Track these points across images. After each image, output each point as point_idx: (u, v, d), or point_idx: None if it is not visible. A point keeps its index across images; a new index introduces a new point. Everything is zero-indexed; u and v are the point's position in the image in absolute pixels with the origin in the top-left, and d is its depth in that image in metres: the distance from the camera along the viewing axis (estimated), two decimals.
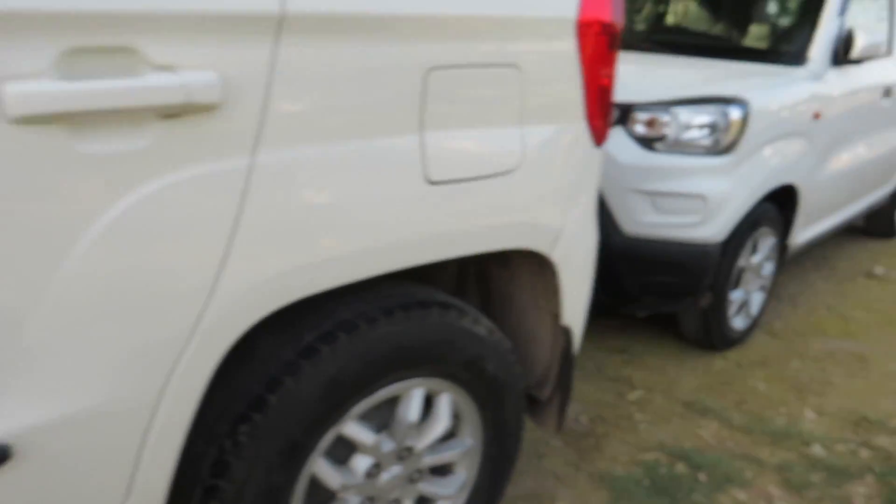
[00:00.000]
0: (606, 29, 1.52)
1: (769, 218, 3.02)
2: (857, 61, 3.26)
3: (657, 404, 2.72)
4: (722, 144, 2.66)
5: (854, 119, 3.52)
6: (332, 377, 1.26)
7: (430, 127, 1.28)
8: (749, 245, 2.95)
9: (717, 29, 3.77)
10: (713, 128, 2.66)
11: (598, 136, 1.60)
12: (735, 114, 2.66)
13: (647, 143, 2.69)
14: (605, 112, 1.59)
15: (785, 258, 3.38)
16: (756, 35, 3.59)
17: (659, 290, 2.83)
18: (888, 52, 3.93)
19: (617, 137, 2.72)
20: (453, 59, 1.28)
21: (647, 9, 3.94)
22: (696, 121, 2.66)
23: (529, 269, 1.67)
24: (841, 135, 3.42)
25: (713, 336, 3.02)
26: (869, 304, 3.81)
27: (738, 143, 2.68)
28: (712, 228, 2.71)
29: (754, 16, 3.60)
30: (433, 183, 1.29)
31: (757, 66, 3.11)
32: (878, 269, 4.34)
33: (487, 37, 1.33)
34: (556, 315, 1.67)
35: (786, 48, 3.30)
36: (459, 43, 1.28)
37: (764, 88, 2.85)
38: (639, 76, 3.00)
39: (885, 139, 4.04)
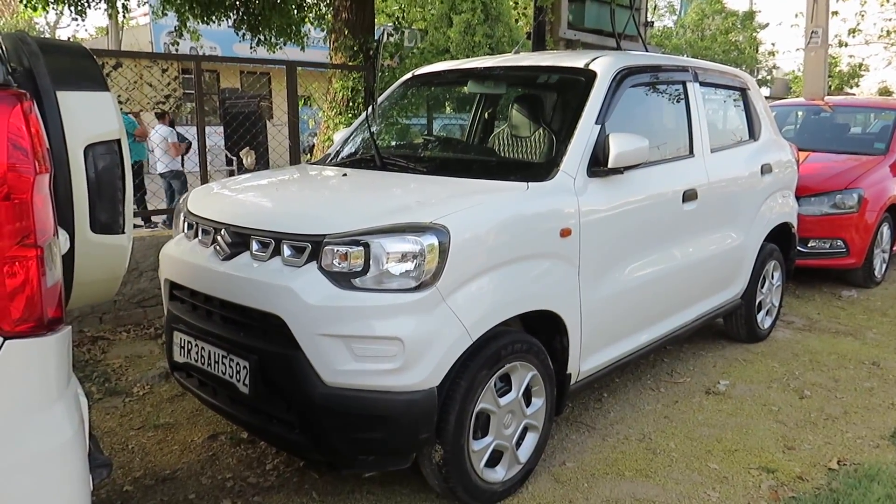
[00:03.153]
0: None
1: (519, 351, 2.65)
2: (619, 170, 3.00)
3: None
4: (419, 279, 2.34)
5: (637, 231, 3.23)
6: None
7: None
8: (489, 385, 2.57)
9: (481, 144, 3.54)
10: (410, 260, 2.34)
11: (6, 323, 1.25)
12: (430, 243, 2.34)
13: (342, 279, 2.36)
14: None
15: (568, 389, 2.99)
16: (515, 150, 3.35)
17: (371, 448, 2.43)
18: (689, 154, 3.72)
19: (308, 274, 2.39)
20: None
21: (402, 123, 3.75)
22: (391, 253, 2.34)
23: None
24: (619, 249, 3.12)
25: (458, 492, 2.59)
26: (693, 429, 3.40)
27: (439, 276, 2.36)
28: (417, 374, 2.34)
29: (515, 131, 3.38)
30: None
31: (496, 183, 2.83)
32: (722, 384, 3.95)
33: None
34: None
35: (535, 162, 3.04)
36: None
37: (478, 210, 2.55)
38: (339, 202, 2.72)
39: (702, 244, 3.75)
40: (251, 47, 7.37)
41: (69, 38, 24.20)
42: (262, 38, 7.07)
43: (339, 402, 2.36)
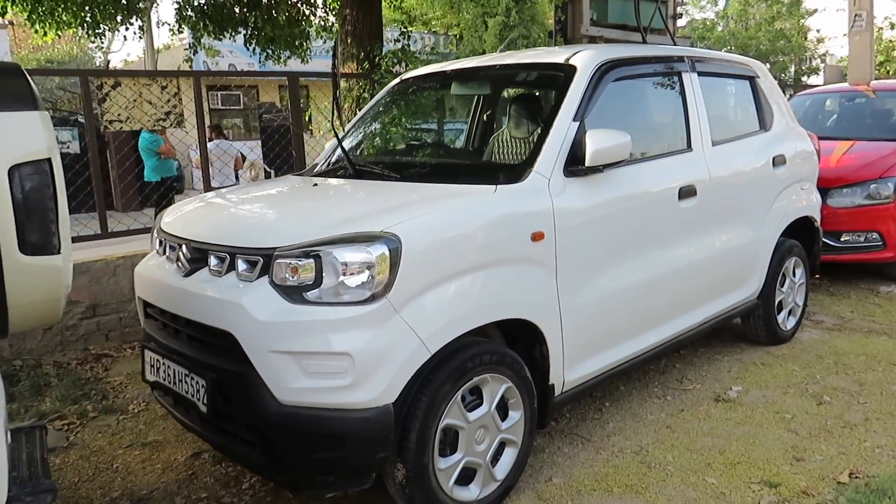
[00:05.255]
0: None
1: (489, 363, 2.52)
2: (599, 168, 2.84)
3: None
4: (370, 290, 2.24)
5: (624, 231, 3.07)
6: None
7: None
8: (455, 399, 2.45)
9: (461, 148, 3.43)
10: (361, 271, 2.24)
11: None
12: (381, 253, 2.24)
13: (294, 293, 2.29)
14: None
15: (551, 401, 2.84)
16: (495, 151, 3.22)
17: (329, 467, 2.34)
18: (687, 148, 3.52)
19: (259, 289, 2.32)
20: None
21: (386, 129, 3.65)
22: (341, 264, 2.24)
23: None
24: (604, 252, 2.96)
25: None
26: (695, 440, 3.20)
27: (390, 287, 2.25)
28: (370, 391, 2.24)
29: (496, 132, 3.25)
30: None
31: (463, 187, 2.71)
32: (734, 391, 3.72)
33: None
34: None
35: (508, 164, 2.91)
36: None
37: (434, 216, 2.44)
38: (295, 214, 2.65)
39: (704, 243, 3.55)
40: (260, 61, 7.44)
41: (107, 62, 24.85)
42: (269, 51, 7.14)
43: (293, 420, 2.28)
